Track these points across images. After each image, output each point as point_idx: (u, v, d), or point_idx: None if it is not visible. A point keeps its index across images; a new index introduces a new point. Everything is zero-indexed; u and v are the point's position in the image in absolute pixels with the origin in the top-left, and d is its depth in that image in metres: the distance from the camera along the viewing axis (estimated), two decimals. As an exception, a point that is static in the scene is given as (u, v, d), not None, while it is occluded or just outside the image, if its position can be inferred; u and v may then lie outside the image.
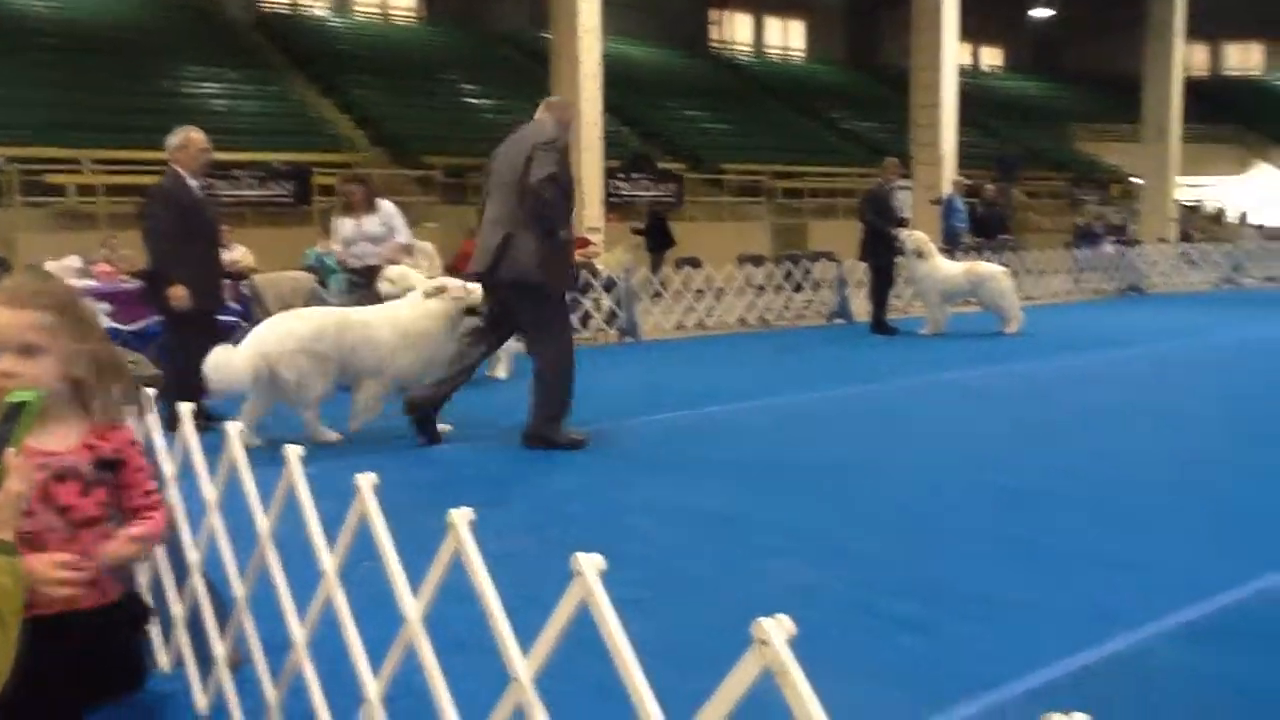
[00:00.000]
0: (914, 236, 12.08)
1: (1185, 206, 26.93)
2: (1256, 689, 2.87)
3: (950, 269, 12.01)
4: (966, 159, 22.85)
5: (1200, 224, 27.42)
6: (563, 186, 5.90)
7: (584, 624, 1.52)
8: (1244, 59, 41.26)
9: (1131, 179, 28.41)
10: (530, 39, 26.79)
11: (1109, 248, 19.79)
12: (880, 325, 12.31)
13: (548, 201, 5.80)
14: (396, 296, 6.75)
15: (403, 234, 8.49)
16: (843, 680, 2.92)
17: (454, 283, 6.50)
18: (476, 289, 6.28)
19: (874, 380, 8.70)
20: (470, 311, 6.38)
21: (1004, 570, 3.86)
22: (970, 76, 36.90)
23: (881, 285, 12.43)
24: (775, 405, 7.54)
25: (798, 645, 3.01)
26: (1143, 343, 11.19)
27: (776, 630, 1.20)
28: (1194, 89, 26.04)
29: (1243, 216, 29.24)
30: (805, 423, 6.98)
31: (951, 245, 16.05)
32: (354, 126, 22.85)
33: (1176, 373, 9.18)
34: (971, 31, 36.11)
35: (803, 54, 37.38)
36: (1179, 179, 25.03)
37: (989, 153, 29.95)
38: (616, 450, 6.08)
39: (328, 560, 2.11)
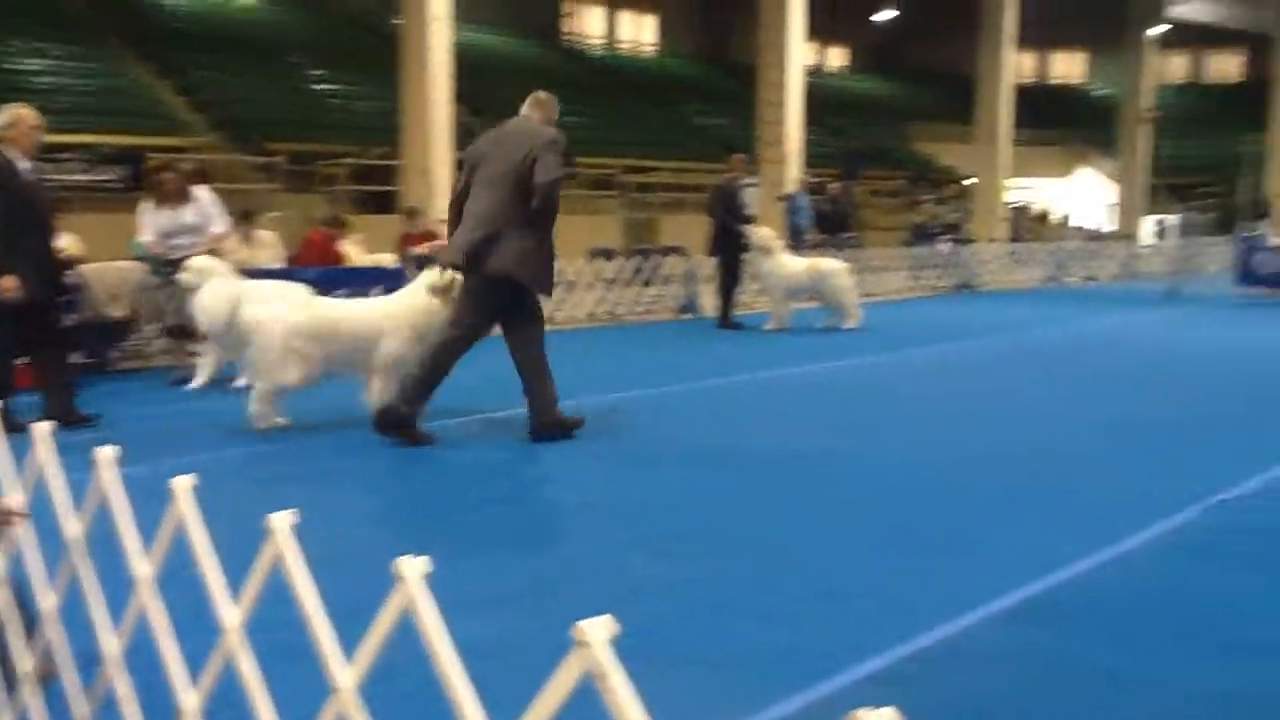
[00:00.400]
0: (760, 233, 12.32)
1: (1015, 207, 28.23)
2: (1078, 665, 3.02)
3: (794, 265, 12.29)
4: (812, 157, 23.43)
5: (1028, 224, 28.80)
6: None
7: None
8: (1068, 68, 43.53)
9: (966, 179, 29.62)
10: (381, 23, 26.19)
11: (944, 246, 20.58)
12: (727, 320, 12.52)
13: (555, 201, 5.88)
14: (197, 287, 6.53)
15: (219, 223, 8.19)
16: (688, 670, 2.98)
17: (454, 280, 6.30)
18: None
19: (722, 375, 8.84)
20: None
21: (848, 559, 3.99)
22: (816, 76, 37.84)
23: (729, 281, 12.64)
24: (625, 400, 7.59)
25: (644, 639, 3.03)
26: (975, 337, 11.69)
27: (597, 632, 1.20)
28: (1023, 95, 27.28)
29: (1066, 218, 30.85)
30: (655, 417, 7.04)
31: (796, 242, 16.43)
32: (191, 109, 21.91)
33: (1006, 365, 9.61)
34: (818, 31, 37.00)
35: (655, 48, 37.66)
36: (1009, 180, 26.22)
37: (834, 151, 30.78)
38: (469, 446, 6.03)
39: (142, 567, 2.02)
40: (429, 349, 6.10)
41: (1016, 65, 26.82)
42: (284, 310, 6.19)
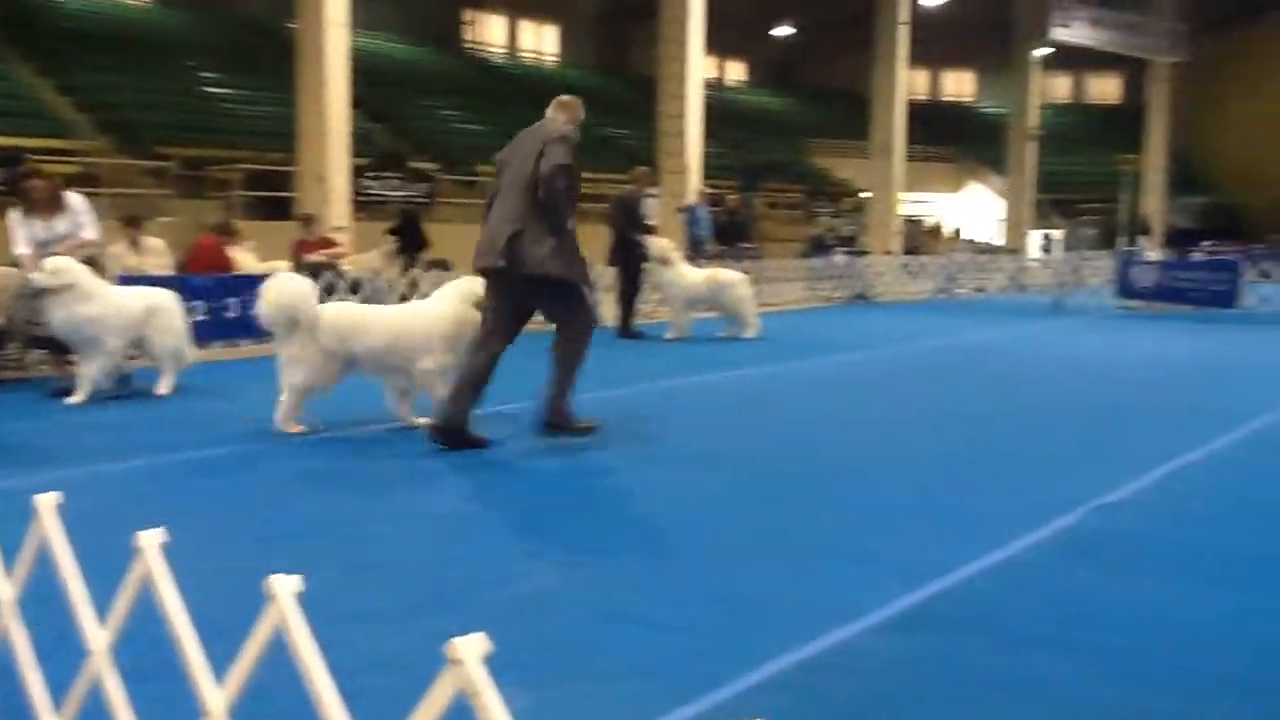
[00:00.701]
0: (659, 244, 12.41)
1: (908, 220, 28.93)
2: (962, 670, 3.08)
3: (693, 276, 12.40)
4: (712, 169, 23.68)
5: (921, 237, 29.54)
6: (571, 178, 6.00)
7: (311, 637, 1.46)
8: (959, 87, 44.80)
9: (861, 193, 30.25)
10: (277, 27, 25.70)
11: (840, 257, 20.99)
12: (627, 330, 12.56)
13: (558, 189, 5.88)
14: (56, 289, 6.58)
15: (90, 229, 7.93)
16: (579, 684, 2.97)
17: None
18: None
19: (621, 385, 8.84)
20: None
21: (738, 565, 4.01)
22: (716, 90, 38.28)
23: (629, 290, 12.69)
24: (522, 411, 7.54)
25: (535, 652, 3.02)
26: (869, 347, 11.94)
27: (470, 649, 1.19)
28: (916, 112, 27.99)
29: (957, 231, 31.74)
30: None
31: (696, 253, 16.57)
32: (77, 111, 21.19)
33: (897, 375, 9.82)
34: (718, 46, 37.45)
35: (556, 58, 37.68)
36: (903, 194, 26.87)
37: (733, 163, 31.15)
38: (361, 457, 5.94)
39: (4, 589, 1.94)
40: (470, 355, 6.15)
41: (909, 83, 27.53)
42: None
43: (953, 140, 40.18)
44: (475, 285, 6.39)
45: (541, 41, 37.54)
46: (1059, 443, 6.52)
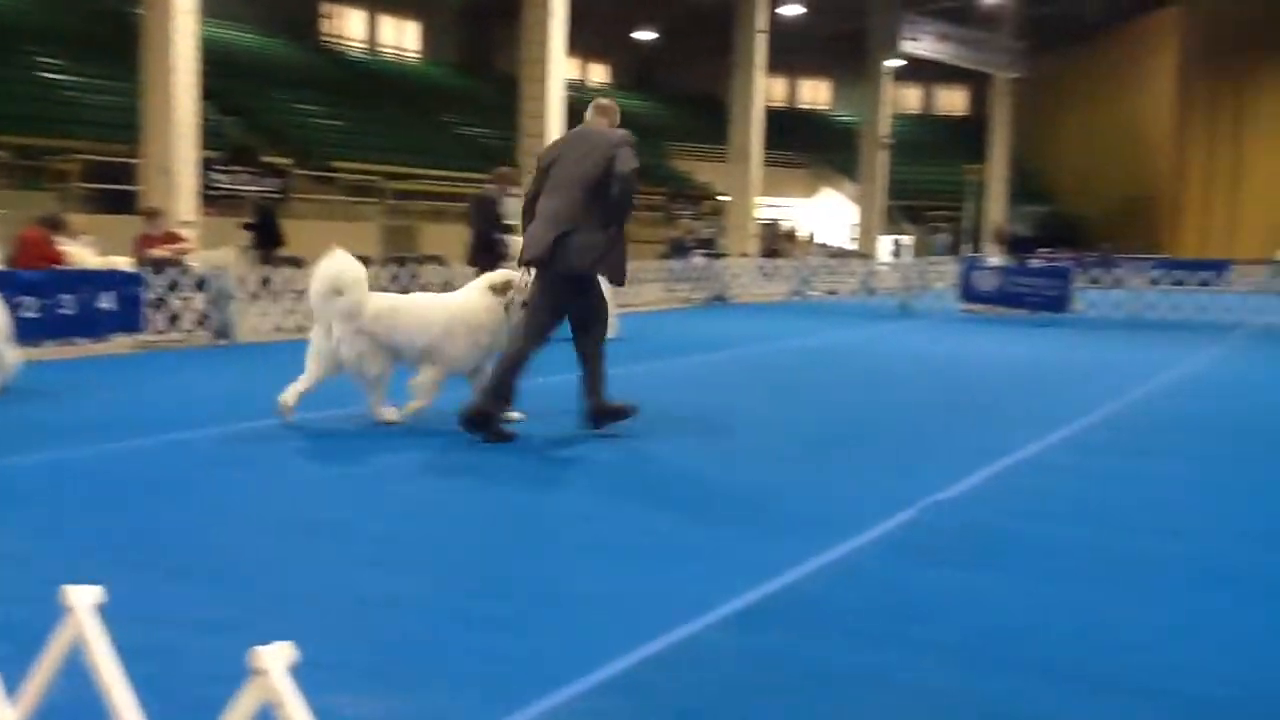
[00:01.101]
0: (519, 243, 12.34)
1: (765, 224, 29.52)
2: (800, 666, 3.14)
3: (552, 277, 12.38)
4: (573, 170, 23.60)
5: (777, 241, 30.17)
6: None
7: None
8: (815, 95, 45.94)
9: (720, 196, 30.73)
10: (123, 13, 24.60)
11: (698, 259, 21.27)
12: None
13: (633, 191, 6.24)
14: None
15: None
16: (417, 690, 2.94)
17: (517, 277, 6.62)
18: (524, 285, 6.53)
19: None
20: (524, 305, 6.55)
21: (576, 566, 4.02)
22: (578, 91, 38.35)
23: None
24: (368, 411, 7.42)
25: (375, 657, 2.97)
26: (725, 348, 12.14)
27: (275, 659, 1.17)
28: (773, 118, 28.61)
29: (812, 235, 32.55)
30: (394, 428, 6.91)
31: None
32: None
33: (750, 374, 10.01)
34: (580, 47, 37.52)
35: (418, 55, 37.12)
36: (760, 199, 27.39)
37: (595, 165, 31.19)
38: (199, 461, 5.74)
39: None
40: (508, 347, 6.39)
41: (767, 90, 28.10)
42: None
43: (808, 147, 41.20)
44: (498, 275, 6.79)
45: (402, 37, 36.93)
46: (900, 441, 6.75)
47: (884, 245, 33.06)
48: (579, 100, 35.16)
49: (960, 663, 3.17)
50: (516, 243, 12.25)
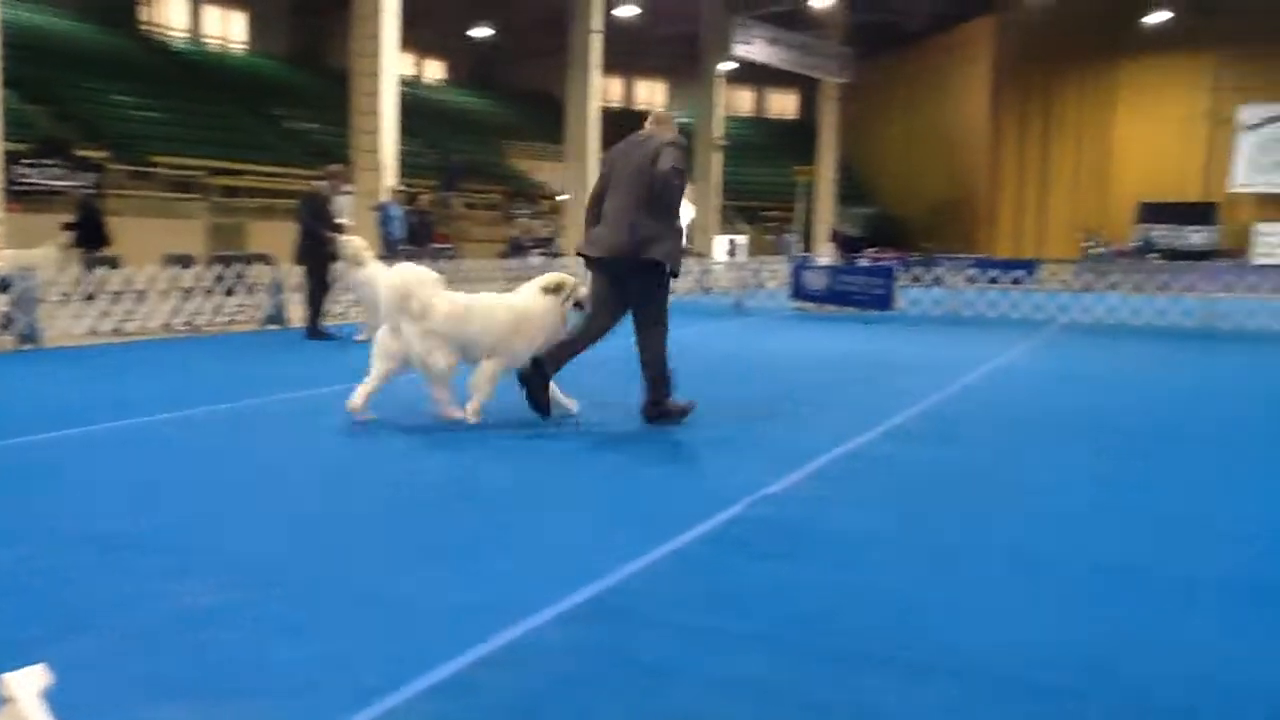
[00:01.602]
0: (352, 243, 12.09)
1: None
2: (629, 660, 3.20)
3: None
4: (408, 168, 23.31)
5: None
6: (682, 179, 6.92)
7: None
8: (651, 95, 46.43)
9: (558, 195, 30.76)
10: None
11: (536, 258, 21.26)
12: (316, 331, 12.18)
13: (673, 186, 6.78)
14: None
15: None
16: (242, 698, 2.87)
17: (570, 279, 7.19)
18: (584, 289, 7.15)
19: (307, 387, 8.58)
20: (577, 305, 7.16)
21: (404, 569, 3.97)
22: (413, 87, 37.73)
23: (317, 290, 12.31)
24: (193, 417, 7.17)
25: (193, 670, 2.87)
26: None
27: (24, 684, 1.11)
28: (611, 118, 28.77)
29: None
30: (225, 433, 6.71)
31: (390, 252, 16.29)
32: None
33: (582, 372, 10.03)
34: (415, 43, 36.94)
35: (244, 46, 35.84)
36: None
37: (430, 163, 30.82)
38: (16, 474, 5.44)
39: None
40: (580, 326, 7.05)
41: (603, 90, 28.27)
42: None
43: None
44: (551, 277, 7.28)
45: (228, 28, 35.58)
46: (729, 436, 6.90)
47: (719, 244, 33.70)
48: (414, 97, 34.79)
49: (780, 652, 3.29)
50: (351, 241, 12.05)
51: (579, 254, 7.26)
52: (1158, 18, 34.96)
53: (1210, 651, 3.35)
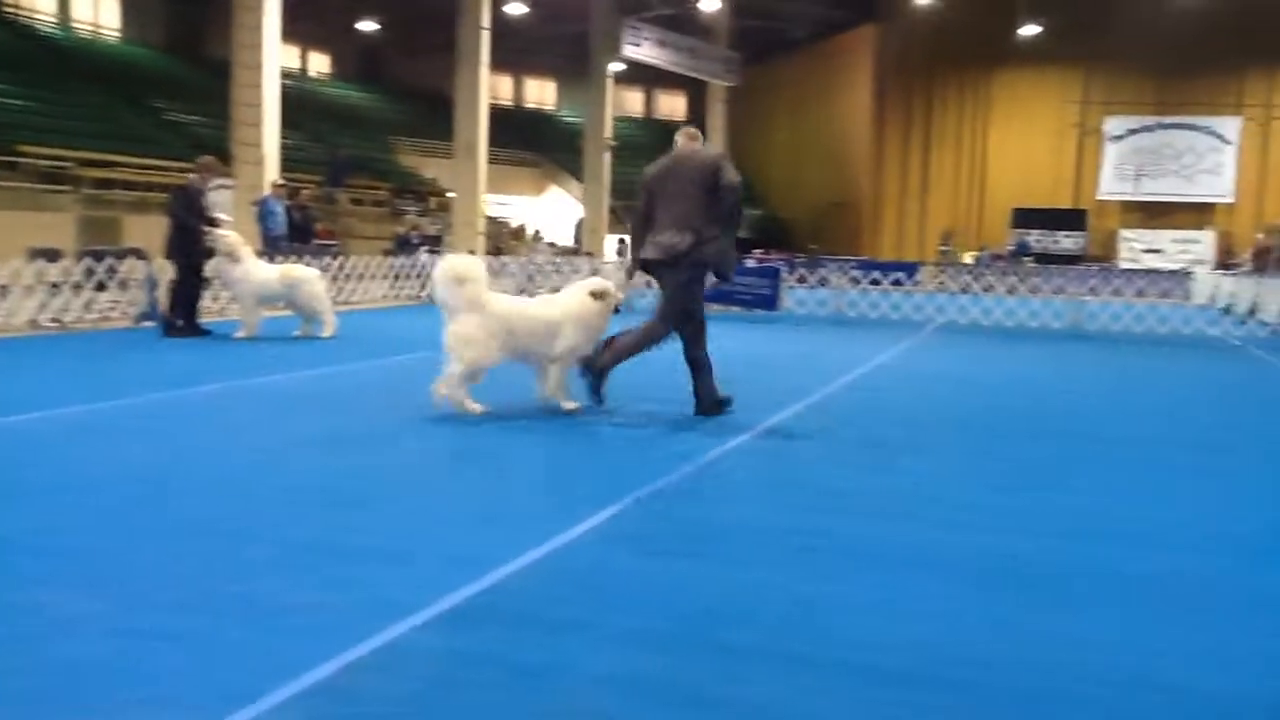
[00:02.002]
0: (227, 238, 11.79)
1: (494, 221, 29.49)
2: (511, 661, 3.17)
3: (265, 272, 11.90)
4: (292, 162, 22.80)
5: (504, 239, 30.23)
6: None
7: None
8: (541, 94, 46.31)
9: (447, 193, 30.42)
10: None
11: (424, 256, 21.00)
12: (182, 327, 11.83)
13: (739, 196, 7.39)
14: None
15: None
16: (105, 712, 2.78)
17: (612, 286, 7.71)
18: (620, 296, 7.75)
19: (181, 386, 8.33)
20: (615, 310, 7.63)
21: (277, 573, 3.88)
22: (298, 80, 36.89)
23: (190, 286, 11.96)
24: (63, 416, 6.90)
25: (59, 681, 2.77)
26: (448, 347, 12.05)
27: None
28: (500, 116, 28.63)
29: (537, 233, 32.81)
30: (95, 434, 6.46)
31: (271, 248, 15.92)
32: None
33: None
34: (299, 35, 36.13)
35: (117, 33, 34.53)
36: (487, 195, 27.34)
37: (315, 157, 30.18)
38: None
39: None
40: (649, 324, 7.58)
41: (493, 88, 28.09)
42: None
43: (535, 145, 41.48)
44: (597, 283, 7.68)
45: (99, 13, 34.21)
46: (616, 435, 6.92)
47: (610, 244, 33.78)
48: (299, 90, 34.09)
49: (667, 648, 3.30)
50: (226, 236, 11.73)
51: (636, 265, 7.71)
52: (1029, 31, 36.27)
53: (1089, 643, 3.48)
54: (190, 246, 11.67)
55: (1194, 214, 37.68)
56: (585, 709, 2.90)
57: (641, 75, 40.15)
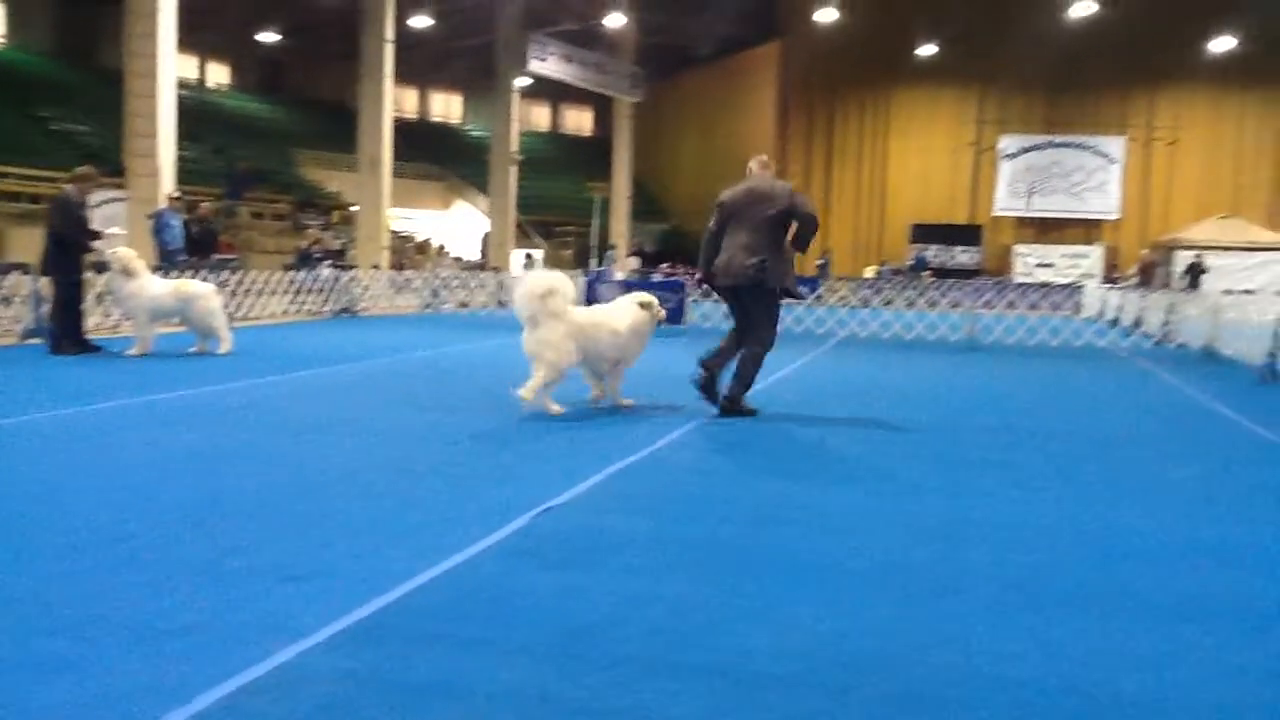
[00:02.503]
0: (119, 253, 11.46)
1: (399, 236, 29.18)
2: (410, 680, 3.14)
3: (158, 287, 11.60)
4: (189, 174, 22.27)
5: (409, 253, 29.92)
6: None
7: None
8: (447, 108, 46.03)
9: (351, 206, 30.02)
10: None
11: (326, 271, 20.68)
12: (70, 343, 11.45)
13: (815, 227, 8.32)
14: None
15: None
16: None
17: (655, 300, 8.77)
18: (662, 312, 8.97)
19: (69, 404, 8.06)
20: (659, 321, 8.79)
21: (172, 593, 3.79)
22: (195, 90, 36.08)
23: (71, 301, 11.57)
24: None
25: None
26: (350, 360, 11.88)
27: None
28: (405, 129, 28.38)
29: (443, 248, 32.56)
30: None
31: (168, 263, 15.54)
32: None
33: (371, 388, 9.83)
34: (197, 45, 35.37)
35: (2, 39, 33.36)
36: (392, 210, 27.05)
37: (214, 169, 29.55)
38: None
39: None
40: (726, 342, 8.46)
41: (398, 101, 27.82)
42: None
43: (441, 159, 41.20)
44: (645, 296, 8.76)
45: (-18, 18, 33.04)
46: (517, 449, 6.89)
47: (516, 258, 33.67)
48: (198, 101, 33.31)
49: (559, 662, 3.31)
50: (118, 252, 11.37)
51: (705, 281, 8.60)
52: (928, 50, 37.25)
53: (971, 645, 3.57)
54: (69, 261, 11.30)
55: (1083, 230, 39.06)
56: (479, 726, 2.88)
57: (548, 90, 40.20)
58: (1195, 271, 30.31)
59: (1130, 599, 4.10)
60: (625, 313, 8.53)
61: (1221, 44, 36.18)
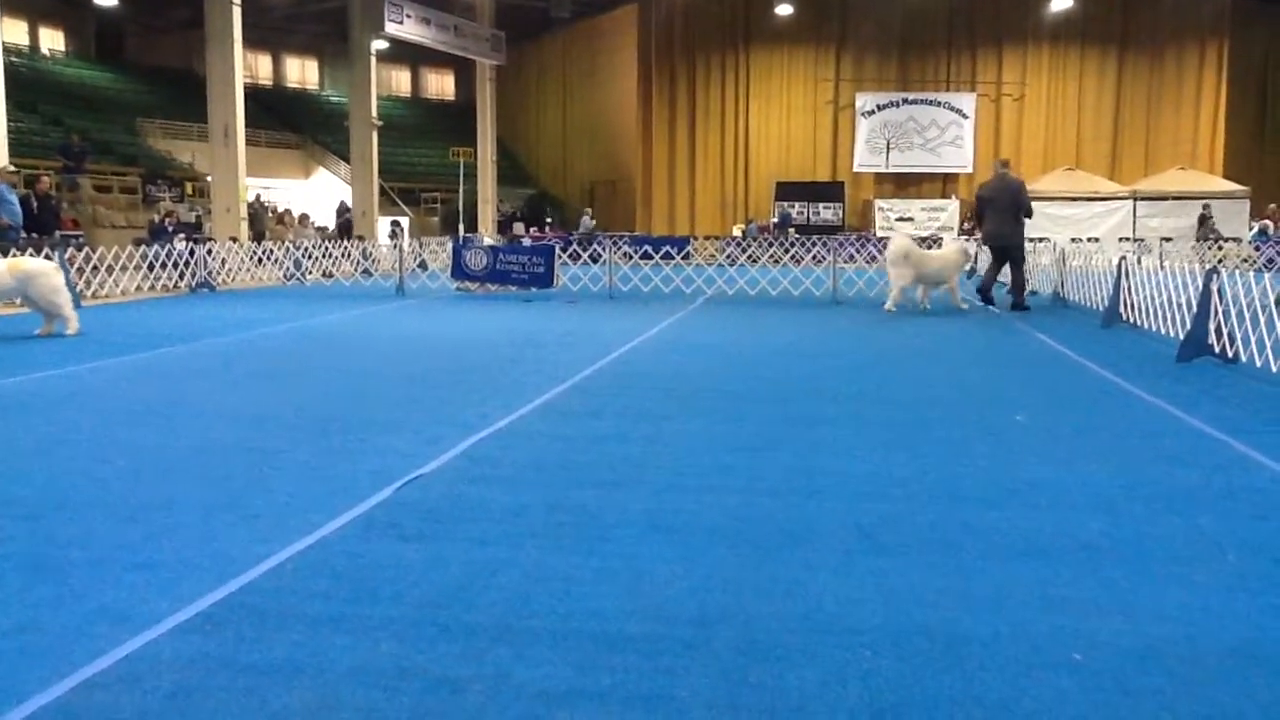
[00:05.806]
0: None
1: (256, 206, 28.26)
2: (266, 662, 3.10)
3: (-6, 267, 11.04)
4: (24, 147, 21.11)
5: (268, 224, 29.02)
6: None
7: None
8: (303, 74, 44.62)
9: (206, 177, 28.92)
10: None
11: (181, 244, 19.94)
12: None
13: (1030, 214, 15.18)
14: None
15: None
16: None
17: (962, 246, 16.12)
18: (970, 247, 17.19)
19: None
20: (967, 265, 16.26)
21: (1, 591, 3.65)
22: (27, 58, 34.17)
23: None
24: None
25: None
26: (206, 336, 11.51)
27: None
28: (259, 96, 27.41)
29: (304, 217, 31.67)
30: None
31: (5, 239, 14.77)
32: None
33: (230, 365, 9.54)
34: (26, 8, 33.47)
35: None
36: (249, 180, 26.16)
37: (52, 141, 28.11)
38: None
39: None
40: (1016, 274, 15.47)
41: (252, 67, 26.81)
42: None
43: (298, 127, 40.00)
44: (961, 243, 16.02)
45: None
46: (381, 420, 6.78)
47: (382, 227, 32.99)
48: (29, 68, 31.38)
49: (414, 634, 3.31)
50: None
51: (983, 241, 16.22)
52: (784, 10, 37.68)
53: (817, 595, 3.71)
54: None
55: (940, 183, 40.22)
56: (336, 703, 2.86)
57: (408, 54, 39.33)
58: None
59: (973, 540, 4.30)
60: (946, 254, 15.44)
61: (1061, 2, 37.66)
